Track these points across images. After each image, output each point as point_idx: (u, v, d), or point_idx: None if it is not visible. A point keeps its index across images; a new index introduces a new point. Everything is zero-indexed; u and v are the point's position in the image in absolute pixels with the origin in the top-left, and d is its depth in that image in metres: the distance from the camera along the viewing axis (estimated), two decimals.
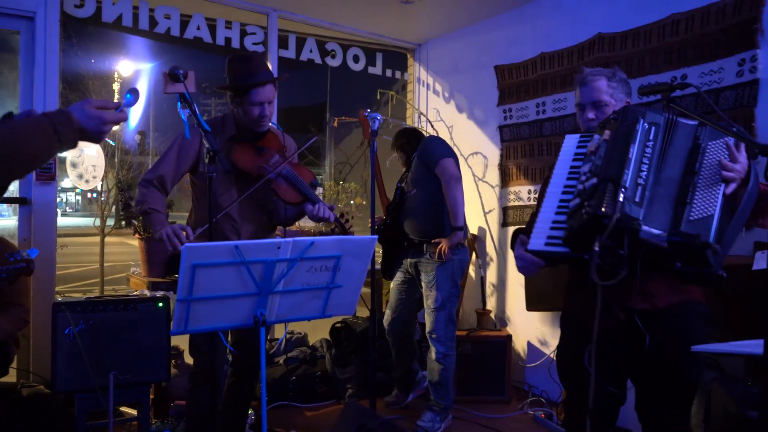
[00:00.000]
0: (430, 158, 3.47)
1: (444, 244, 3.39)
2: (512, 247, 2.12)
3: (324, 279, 1.90)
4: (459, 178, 3.43)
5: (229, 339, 2.77)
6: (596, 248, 1.60)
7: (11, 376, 3.29)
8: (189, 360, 3.57)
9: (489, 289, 4.55)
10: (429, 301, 3.51)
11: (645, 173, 1.72)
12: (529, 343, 4.22)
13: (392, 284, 3.77)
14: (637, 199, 1.67)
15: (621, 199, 1.62)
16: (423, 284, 3.56)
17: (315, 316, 1.98)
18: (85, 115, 1.47)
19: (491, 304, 4.53)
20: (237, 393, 2.77)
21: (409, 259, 3.64)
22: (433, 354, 3.52)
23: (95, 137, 1.52)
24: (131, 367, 2.96)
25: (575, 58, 3.78)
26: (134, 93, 1.58)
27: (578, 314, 2.06)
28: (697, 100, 3.10)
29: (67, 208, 30.20)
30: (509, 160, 4.34)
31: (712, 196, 1.67)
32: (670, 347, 1.91)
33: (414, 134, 3.83)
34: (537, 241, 1.82)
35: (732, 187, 1.68)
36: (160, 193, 2.58)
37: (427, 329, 3.55)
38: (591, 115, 2.04)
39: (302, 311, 1.95)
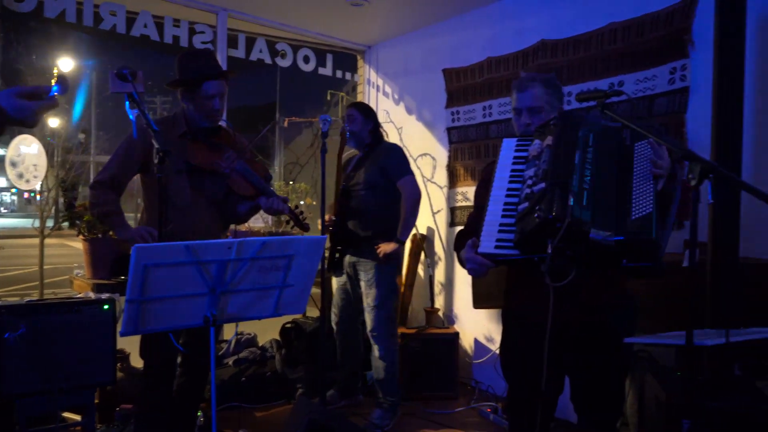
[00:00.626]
0: (395, 171, 3.57)
1: (389, 247, 3.47)
2: (456, 249, 2.18)
3: (275, 278, 1.92)
4: (420, 198, 3.62)
5: (180, 340, 2.74)
6: (549, 251, 1.69)
7: None
8: (136, 363, 3.51)
9: (437, 288, 4.64)
10: (369, 299, 3.57)
11: (589, 177, 1.80)
12: (476, 340, 4.33)
13: (335, 284, 3.79)
14: (584, 203, 1.74)
15: (571, 203, 1.70)
16: (362, 283, 3.61)
17: (266, 315, 2.00)
18: (11, 103, 1.46)
19: (439, 302, 4.62)
20: (186, 394, 2.75)
21: (348, 258, 3.66)
22: (376, 352, 3.59)
23: (25, 124, 1.51)
24: (75, 370, 2.90)
25: (520, 63, 3.90)
26: (62, 83, 1.56)
27: (524, 313, 2.14)
28: (632, 106, 3.26)
29: (2, 208, 28.97)
30: (457, 161, 4.45)
31: (648, 193, 1.76)
32: (607, 339, 2.01)
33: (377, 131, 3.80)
34: (487, 244, 1.88)
35: (661, 183, 1.79)
36: (115, 194, 2.56)
37: (369, 328, 3.60)
38: (527, 120, 2.13)
39: (254, 311, 1.97)
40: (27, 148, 3.79)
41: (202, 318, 1.84)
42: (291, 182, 5.09)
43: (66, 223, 3.47)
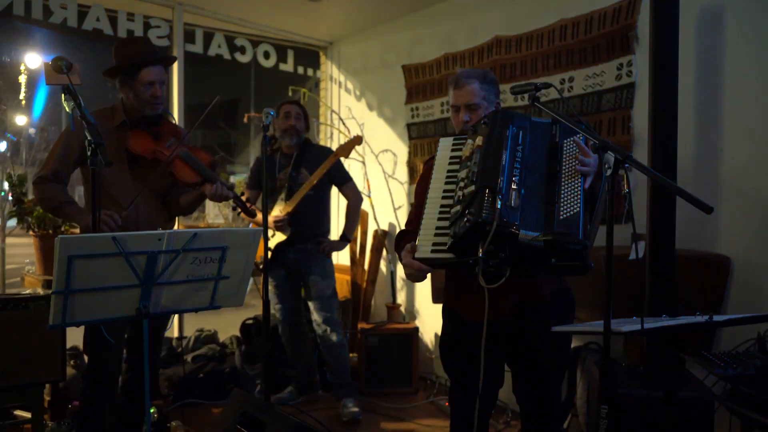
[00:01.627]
0: (338, 177, 3.79)
1: (338, 245, 3.76)
2: (396, 249, 2.20)
3: (210, 270, 1.92)
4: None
5: (126, 334, 2.72)
6: (480, 254, 1.71)
7: None
8: None
9: (399, 284, 4.66)
10: (324, 290, 3.69)
11: (518, 177, 1.84)
12: (436, 335, 4.36)
13: (274, 280, 3.75)
14: (513, 204, 1.77)
15: (499, 205, 1.73)
16: (313, 276, 3.67)
17: (203, 307, 2.00)
18: None
19: (401, 298, 4.64)
20: (132, 389, 2.72)
21: (292, 255, 3.67)
22: (334, 338, 3.69)
23: None
24: (22, 367, 2.87)
25: (476, 59, 3.93)
26: None
27: (459, 311, 2.17)
28: (582, 101, 3.31)
29: None
30: (417, 157, 4.47)
31: (575, 192, 1.80)
32: (542, 332, 2.04)
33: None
34: (423, 248, 1.90)
35: (589, 180, 1.83)
36: (61, 185, 2.53)
37: (322, 319, 3.68)
38: (466, 117, 2.15)
39: (189, 302, 1.97)
40: None
41: (135, 310, 1.83)
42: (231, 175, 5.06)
43: (13, 220, 3.41)
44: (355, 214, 3.83)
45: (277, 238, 3.63)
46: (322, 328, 3.70)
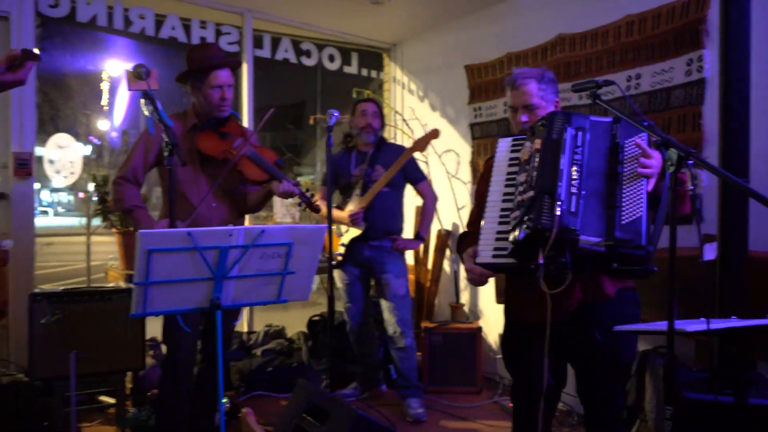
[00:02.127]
0: (415, 174, 3.83)
1: (407, 242, 3.77)
2: (458, 251, 2.24)
3: (277, 265, 2.01)
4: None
5: (201, 327, 2.86)
6: (541, 260, 1.73)
7: None
8: None
9: (462, 284, 4.67)
10: (398, 290, 3.69)
11: (577, 181, 1.83)
12: (500, 335, 4.32)
13: (347, 277, 3.79)
14: (573, 209, 1.78)
15: (558, 212, 1.74)
16: (387, 275, 3.68)
17: (270, 301, 2.09)
18: None
19: (464, 297, 4.64)
20: (204, 379, 2.86)
21: (367, 252, 3.70)
22: (405, 341, 3.68)
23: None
24: (105, 355, 3.08)
25: (539, 58, 3.90)
26: (29, 55, 1.66)
27: (521, 313, 2.16)
28: (649, 98, 3.23)
29: (59, 208, 30.15)
30: (480, 156, 4.47)
31: (637, 195, 1.78)
32: (610, 332, 2.02)
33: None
34: (484, 253, 1.93)
35: (652, 183, 1.80)
36: (136, 188, 2.70)
37: (395, 320, 3.67)
38: (524, 118, 2.14)
39: (257, 296, 2.06)
40: (63, 145, 4.01)
41: (208, 302, 1.94)
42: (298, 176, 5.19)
43: (99, 219, 3.65)
44: (430, 213, 3.85)
45: (351, 233, 3.67)
46: (393, 329, 3.70)
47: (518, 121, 2.17)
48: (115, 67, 6.56)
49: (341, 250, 3.74)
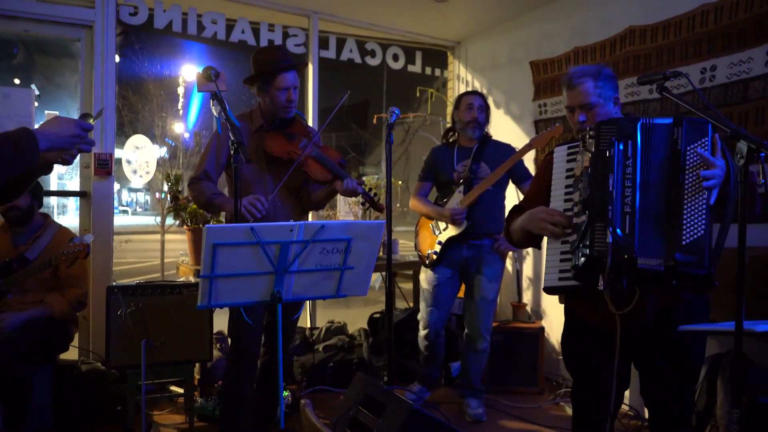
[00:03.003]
0: (522, 174, 3.66)
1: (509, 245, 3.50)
2: (507, 221, 2.24)
3: (336, 260, 2.05)
4: None
5: (265, 321, 2.95)
6: (601, 286, 1.74)
7: (73, 354, 3.61)
8: None
9: (525, 283, 4.60)
10: (487, 293, 3.53)
11: (630, 198, 1.78)
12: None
13: (436, 279, 3.60)
14: (627, 230, 1.74)
15: (610, 238, 1.72)
16: (481, 277, 3.52)
17: (329, 295, 2.13)
18: (50, 135, 1.54)
19: (527, 297, 4.58)
20: (268, 372, 2.94)
21: (465, 252, 3.54)
22: (483, 346, 3.58)
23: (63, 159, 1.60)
24: (176, 346, 3.21)
25: (607, 52, 3.79)
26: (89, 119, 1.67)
27: (586, 320, 2.11)
28: (725, 91, 3.08)
29: (137, 207, 31.65)
30: (544, 154, 4.38)
31: (699, 211, 1.70)
32: (678, 334, 1.95)
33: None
34: (551, 276, 1.93)
35: (714, 194, 1.71)
36: (212, 183, 2.80)
37: (480, 322, 3.55)
38: (582, 117, 2.06)
39: (317, 290, 2.11)
40: (140, 146, 4.22)
41: (270, 295, 2.00)
42: (362, 176, 5.22)
43: (171, 216, 3.80)
44: None
45: (449, 232, 3.53)
46: (475, 332, 3.57)
47: (576, 122, 2.10)
48: (189, 71, 6.82)
49: (437, 248, 3.58)
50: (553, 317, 4.32)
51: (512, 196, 4.09)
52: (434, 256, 3.57)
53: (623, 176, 1.79)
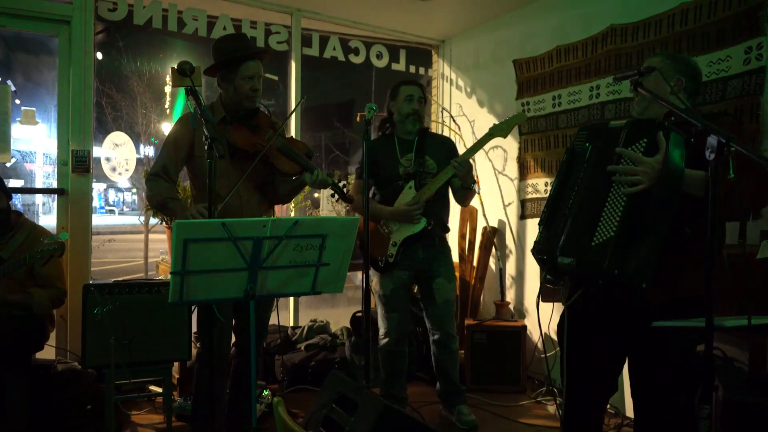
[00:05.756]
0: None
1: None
2: None
3: (311, 257, 2.02)
4: None
5: (233, 323, 2.89)
6: (542, 278, 2.03)
7: (49, 354, 3.56)
8: None
9: (508, 281, 4.60)
10: (449, 294, 3.36)
11: (571, 201, 1.95)
12: (546, 335, 4.25)
13: (392, 283, 3.31)
14: (559, 230, 1.94)
15: (540, 236, 2.02)
16: (441, 279, 3.33)
17: (304, 292, 2.11)
18: None
19: (510, 296, 4.57)
20: (240, 372, 2.90)
21: (422, 254, 3.29)
22: (455, 346, 3.43)
23: None
24: (154, 345, 3.17)
25: (589, 50, 3.80)
26: None
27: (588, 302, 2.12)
28: (705, 89, 3.09)
29: (124, 207, 31.42)
30: (527, 153, 4.39)
31: (615, 213, 1.79)
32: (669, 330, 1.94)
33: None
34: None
35: (634, 199, 1.75)
36: (168, 183, 2.69)
37: (448, 325, 3.38)
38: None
39: (292, 287, 2.08)
40: (118, 143, 4.17)
41: (242, 291, 1.97)
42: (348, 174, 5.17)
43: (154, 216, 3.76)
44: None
45: (403, 231, 3.25)
46: (446, 335, 3.37)
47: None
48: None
49: (392, 250, 3.26)
50: (536, 315, 4.31)
51: None
52: (390, 259, 3.26)
53: (574, 181, 1.97)
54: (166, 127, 7.90)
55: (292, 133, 4.33)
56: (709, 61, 3.08)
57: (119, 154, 4.19)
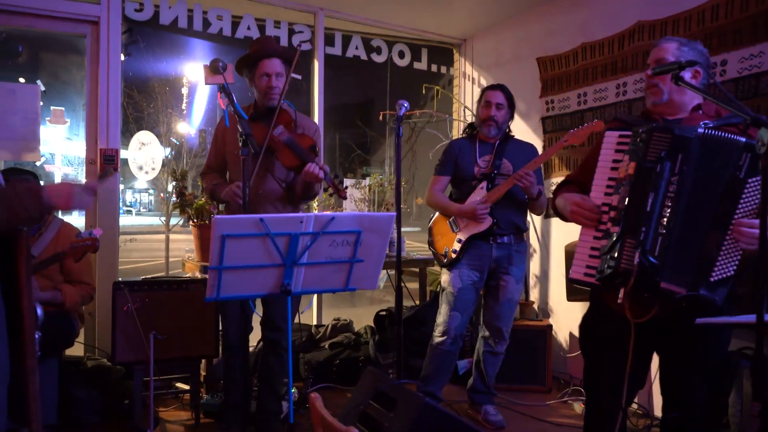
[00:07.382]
0: (540, 176, 3.43)
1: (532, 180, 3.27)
2: (554, 193, 2.24)
3: (346, 253, 2.03)
4: None
5: (261, 320, 2.95)
6: (620, 300, 1.79)
7: (79, 350, 3.60)
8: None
9: (532, 281, 4.57)
10: (514, 294, 3.41)
11: (667, 219, 1.75)
12: (571, 334, 4.22)
13: (461, 282, 3.32)
14: (657, 253, 1.74)
15: (636, 259, 1.73)
16: (509, 278, 3.36)
17: (339, 288, 2.11)
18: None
19: (534, 295, 4.55)
20: (267, 367, 2.94)
21: (495, 252, 3.32)
22: (502, 347, 3.46)
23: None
24: (181, 342, 3.19)
25: (615, 47, 3.77)
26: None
27: (611, 303, 2.08)
28: (736, 85, 3.05)
29: (141, 208, 31.69)
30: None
31: (735, 251, 1.73)
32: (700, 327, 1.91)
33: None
34: (578, 269, 1.93)
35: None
36: (214, 174, 2.99)
37: (504, 325, 3.43)
38: (649, 72, 1.99)
39: (326, 283, 2.09)
40: (146, 143, 4.21)
41: (278, 288, 1.98)
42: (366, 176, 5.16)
43: (175, 215, 3.79)
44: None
45: (470, 229, 3.30)
46: (497, 333, 3.42)
47: (646, 75, 2.04)
48: (193, 70, 6.79)
49: (456, 246, 3.32)
50: (560, 315, 4.29)
51: None
52: (453, 255, 3.33)
53: (664, 197, 1.76)
54: (183, 128, 7.94)
55: None
56: (742, 56, 3.04)
57: (146, 154, 4.23)
